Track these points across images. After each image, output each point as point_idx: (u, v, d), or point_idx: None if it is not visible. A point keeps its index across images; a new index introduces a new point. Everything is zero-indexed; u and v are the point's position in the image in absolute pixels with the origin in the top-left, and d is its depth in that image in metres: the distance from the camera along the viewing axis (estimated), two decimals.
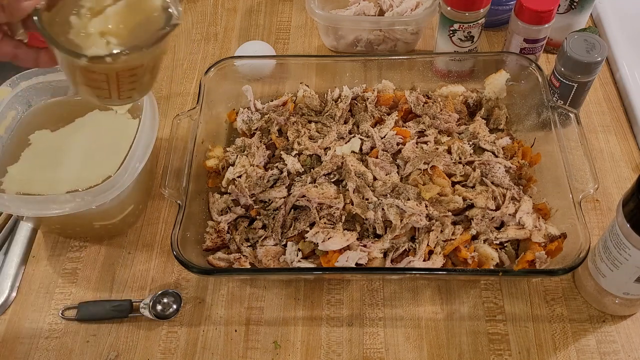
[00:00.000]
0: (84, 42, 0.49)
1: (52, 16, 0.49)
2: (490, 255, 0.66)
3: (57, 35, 0.48)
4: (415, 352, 0.64)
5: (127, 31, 0.50)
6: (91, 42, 0.49)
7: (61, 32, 0.49)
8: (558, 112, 0.72)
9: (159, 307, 0.68)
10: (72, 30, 0.49)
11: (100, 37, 0.49)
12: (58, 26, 0.49)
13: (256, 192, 0.72)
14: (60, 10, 0.50)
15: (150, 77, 0.55)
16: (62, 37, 0.48)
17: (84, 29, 0.49)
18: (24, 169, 0.72)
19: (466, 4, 0.79)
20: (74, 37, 0.49)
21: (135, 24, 0.50)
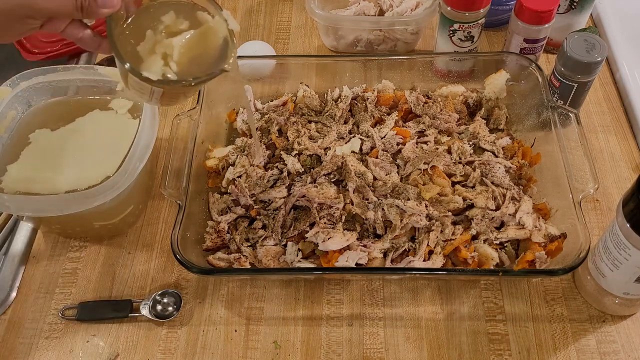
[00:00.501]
0: (146, 56, 0.51)
1: (127, 21, 0.50)
2: (490, 255, 0.66)
3: (123, 40, 0.49)
4: (415, 352, 0.64)
5: (185, 60, 0.53)
6: (152, 61, 0.51)
7: (130, 37, 0.50)
8: (558, 112, 0.72)
9: (159, 307, 0.68)
10: (141, 42, 0.51)
11: (161, 59, 0.51)
12: (130, 31, 0.50)
13: (256, 192, 0.72)
14: (138, 17, 0.51)
15: (191, 94, 0.58)
16: (128, 42, 0.50)
17: (152, 44, 0.52)
18: (24, 169, 0.72)
19: (466, 4, 0.79)
20: (140, 48, 0.51)
21: (194, 55, 0.53)
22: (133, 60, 0.50)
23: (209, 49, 0.54)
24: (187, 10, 0.53)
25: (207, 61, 0.54)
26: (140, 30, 0.51)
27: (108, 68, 0.77)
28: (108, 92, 0.79)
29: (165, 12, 0.52)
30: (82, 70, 0.77)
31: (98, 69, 0.77)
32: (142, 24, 0.51)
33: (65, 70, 0.77)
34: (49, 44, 0.99)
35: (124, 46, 0.49)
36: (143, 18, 0.51)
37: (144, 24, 0.51)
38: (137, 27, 0.50)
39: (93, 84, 0.78)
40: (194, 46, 0.53)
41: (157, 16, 0.52)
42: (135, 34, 0.50)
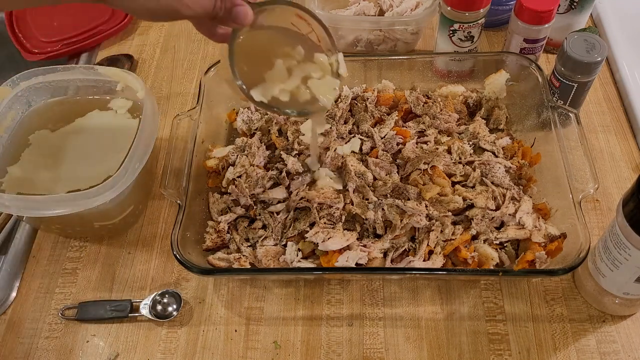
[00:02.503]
0: (255, 75, 0.54)
1: (248, 33, 0.51)
2: (490, 255, 0.66)
3: (240, 53, 0.51)
4: (415, 352, 0.64)
5: (293, 89, 0.56)
6: (269, 86, 0.54)
7: (247, 52, 0.52)
8: (558, 112, 0.72)
9: (159, 307, 0.68)
10: (255, 61, 0.53)
11: (275, 85, 0.54)
12: (248, 45, 0.52)
13: (256, 192, 0.72)
14: (258, 34, 0.53)
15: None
16: (244, 56, 0.51)
17: (274, 72, 0.54)
18: (24, 169, 0.72)
19: (466, 4, 0.79)
20: (252, 67, 0.53)
21: (302, 87, 0.56)
22: (245, 76, 0.52)
23: (307, 82, 0.57)
24: (303, 41, 0.56)
25: (303, 95, 0.57)
26: (258, 48, 0.53)
27: (108, 68, 0.77)
28: (108, 92, 0.79)
29: (284, 40, 0.55)
30: (82, 70, 0.77)
31: (98, 69, 0.77)
32: (260, 43, 0.53)
33: (65, 70, 0.77)
34: (49, 44, 0.99)
35: (239, 58, 0.51)
36: (262, 37, 0.53)
37: (262, 44, 0.54)
38: (255, 44, 0.52)
39: (93, 84, 0.78)
40: (295, 77, 0.56)
41: (276, 39, 0.55)
42: (251, 50, 0.52)
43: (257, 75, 0.53)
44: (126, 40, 1.02)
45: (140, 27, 1.04)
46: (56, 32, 0.99)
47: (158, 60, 0.98)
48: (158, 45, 1.01)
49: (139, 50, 1.00)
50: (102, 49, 1.01)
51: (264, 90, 0.53)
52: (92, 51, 1.01)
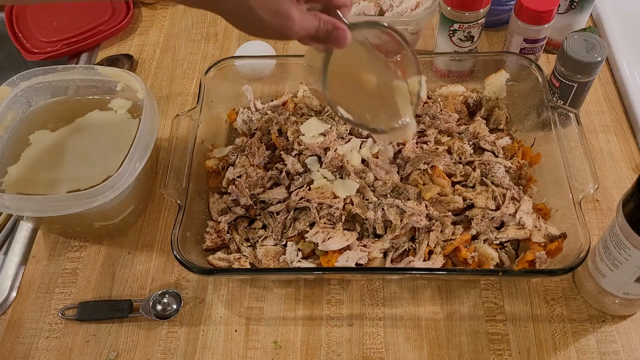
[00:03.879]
0: (349, 91, 0.56)
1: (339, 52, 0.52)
2: (490, 255, 0.66)
3: (332, 70, 0.52)
4: (415, 352, 0.64)
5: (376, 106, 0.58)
6: (354, 103, 0.55)
7: (337, 70, 0.53)
8: (558, 112, 0.72)
9: (159, 307, 0.68)
10: (343, 78, 0.55)
11: (360, 102, 0.56)
12: (339, 64, 0.53)
13: (256, 192, 0.72)
14: (347, 54, 0.54)
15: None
16: (335, 74, 0.52)
17: (360, 90, 0.56)
18: (24, 169, 0.72)
19: (466, 4, 0.79)
20: (341, 86, 0.54)
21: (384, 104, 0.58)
22: (332, 91, 0.53)
23: (389, 101, 0.59)
24: (388, 62, 0.58)
25: (379, 111, 0.59)
26: (347, 65, 0.55)
27: (108, 68, 0.77)
28: (108, 92, 0.79)
29: (371, 59, 0.57)
30: (82, 70, 0.77)
31: (98, 69, 0.77)
32: (349, 61, 0.55)
33: (65, 70, 0.77)
34: (49, 44, 0.99)
35: (331, 76, 0.52)
36: (352, 55, 0.54)
37: (351, 61, 0.55)
38: (345, 62, 0.53)
39: (93, 84, 0.78)
40: (379, 95, 0.58)
41: (364, 58, 0.57)
42: (340, 67, 0.53)
43: (344, 91, 0.54)
44: (126, 40, 1.02)
45: (140, 27, 1.04)
46: (56, 32, 0.99)
47: (158, 60, 0.98)
48: (158, 45, 1.01)
49: (139, 50, 1.00)
50: (102, 49, 1.01)
51: (349, 106, 0.54)
52: (92, 51, 1.01)
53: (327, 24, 0.49)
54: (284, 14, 0.47)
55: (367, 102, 0.58)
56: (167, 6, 1.08)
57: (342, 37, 0.49)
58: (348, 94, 0.56)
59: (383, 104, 0.59)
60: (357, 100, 0.57)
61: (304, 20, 0.48)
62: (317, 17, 0.49)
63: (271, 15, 0.47)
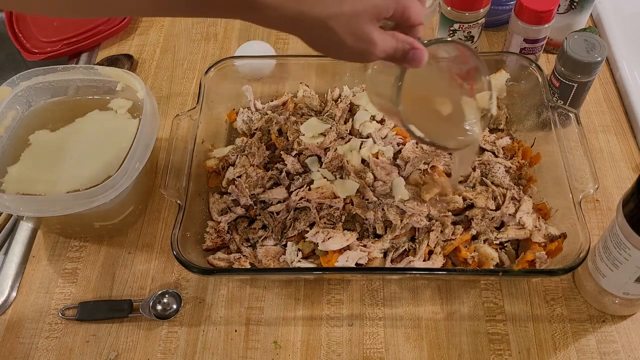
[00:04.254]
0: (419, 108, 0.56)
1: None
2: (490, 255, 0.66)
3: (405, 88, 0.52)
4: (415, 352, 0.64)
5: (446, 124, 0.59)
6: (424, 120, 0.55)
7: (411, 89, 0.52)
8: (558, 112, 0.72)
9: (159, 307, 0.68)
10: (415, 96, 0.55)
11: (431, 120, 0.57)
12: (414, 83, 0.52)
13: (256, 192, 0.72)
14: (425, 74, 0.54)
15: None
16: (408, 93, 0.52)
17: (430, 108, 0.57)
18: (24, 169, 0.72)
19: (466, 4, 0.79)
20: (412, 104, 0.54)
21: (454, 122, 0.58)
22: (405, 111, 0.52)
23: (459, 118, 0.58)
24: (458, 78, 0.58)
25: (449, 127, 0.59)
26: (418, 82, 0.54)
27: (108, 68, 0.77)
28: (108, 92, 0.79)
29: (442, 76, 0.57)
30: (82, 70, 0.77)
31: (98, 69, 0.77)
32: (420, 78, 0.54)
33: (65, 70, 0.77)
34: (49, 44, 0.99)
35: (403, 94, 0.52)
36: (423, 72, 0.53)
37: (422, 79, 0.55)
38: (415, 79, 0.53)
39: (93, 84, 0.78)
40: (448, 112, 0.57)
41: (435, 75, 0.57)
42: (411, 85, 0.52)
43: (414, 109, 0.54)
44: (126, 40, 1.02)
45: (140, 27, 1.04)
46: (56, 32, 0.99)
47: (158, 60, 0.98)
48: (158, 45, 1.01)
49: (139, 50, 1.00)
50: (102, 49, 1.01)
51: (420, 124, 0.54)
52: (92, 51, 1.01)
53: (405, 44, 0.48)
54: (367, 38, 0.46)
55: (437, 120, 0.58)
56: None
57: (420, 57, 0.49)
58: (418, 111, 0.55)
59: (452, 120, 0.58)
60: (428, 117, 0.57)
61: (385, 43, 0.47)
62: (394, 37, 0.48)
63: (354, 40, 0.46)
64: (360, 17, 0.45)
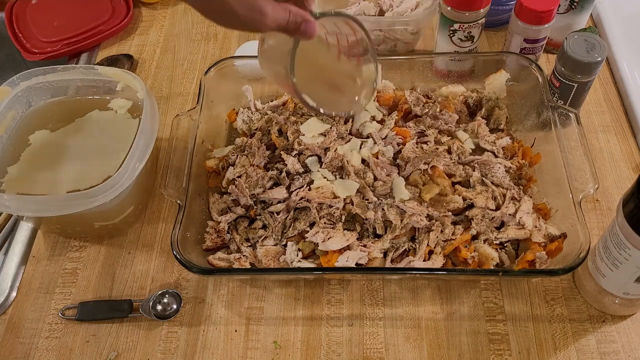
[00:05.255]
0: (311, 78, 0.58)
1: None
2: (490, 255, 0.66)
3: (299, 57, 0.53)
4: (415, 352, 0.64)
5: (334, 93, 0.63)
6: (315, 89, 0.57)
7: (303, 57, 0.54)
8: (558, 112, 0.72)
9: (159, 307, 0.68)
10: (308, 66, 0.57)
11: (320, 88, 0.60)
12: (305, 51, 0.54)
13: (256, 192, 0.72)
14: (316, 45, 0.57)
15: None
16: (301, 61, 0.54)
17: (321, 77, 0.60)
18: (24, 170, 0.72)
19: (466, 4, 0.79)
20: (306, 71, 0.56)
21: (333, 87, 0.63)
22: (299, 78, 0.54)
23: (347, 88, 0.62)
24: (348, 50, 0.60)
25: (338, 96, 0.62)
26: (309, 53, 0.57)
27: (108, 68, 0.77)
28: (108, 92, 0.79)
29: (333, 48, 0.59)
30: (82, 70, 0.77)
31: (98, 69, 0.77)
32: (312, 49, 0.57)
33: (65, 70, 0.77)
34: (49, 44, 0.99)
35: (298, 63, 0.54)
36: (315, 44, 0.56)
37: (313, 50, 0.58)
38: (307, 50, 0.55)
39: (93, 84, 0.78)
40: (337, 82, 0.61)
41: (325, 47, 0.60)
42: (303, 55, 0.54)
43: (306, 78, 0.56)
44: (126, 40, 1.02)
45: (140, 27, 1.04)
46: (56, 32, 0.99)
47: (158, 60, 0.98)
48: (158, 45, 1.01)
49: (139, 50, 1.00)
50: (102, 49, 1.01)
51: (311, 93, 0.56)
52: (92, 51, 1.01)
53: (297, 16, 0.50)
54: (258, 9, 0.48)
55: (327, 89, 0.61)
56: (167, 6, 1.08)
57: (311, 30, 0.51)
58: (310, 81, 0.57)
59: (342, 90, 0.62)
60: (319, 87, 0.60)
61: (276, 14, 0.49)
62: (287, 9, 0.49)
63: (245, 9, 0.47)
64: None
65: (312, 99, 0.56)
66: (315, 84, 0.59)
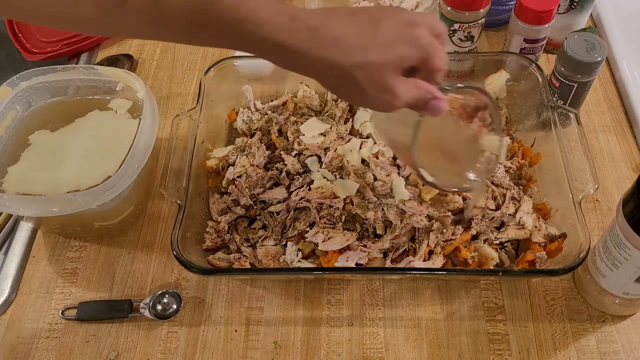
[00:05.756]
0: (431, 155, 0.55)
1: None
2: (490, 255, 0.66)
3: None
4: (415, 352, 0.64)
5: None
6: (436, 167, 0.55)
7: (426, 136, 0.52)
8: (558, 112, 0.72)
9: (159, 307, 0.68)
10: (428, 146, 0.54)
11: (442, 167, 0.57)
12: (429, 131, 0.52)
13: (256, 192, 0.72)
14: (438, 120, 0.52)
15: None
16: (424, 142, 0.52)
17: (442, 155, 0.58)
18: (24, 170, 0.72)
19: (466, 4, 0.79)
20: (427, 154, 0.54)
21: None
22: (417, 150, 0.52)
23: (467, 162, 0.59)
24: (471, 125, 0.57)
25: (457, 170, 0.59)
26: (431, 130, 0.53)
27: (108, 68, 0.77)
28: (108, 92, 0.79)
29: (455, 123, 0.56)
30: (82, 70, 0.77)
31: (98, 69, 0.77)
32: (434, 126, 0.53)
33: (65, 70, 0.77)
34: (49, 44, 0.99)
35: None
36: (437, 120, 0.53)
37: (435, 126, 0.54)
38: (430, 125, 0.52)
39: (93, 84, 0.78)
40: (457, 156, 0.58)
41: (448, 122, 0.56)
42: (428, 131, 0.52)
43: (423, 149, 0.53)
44: (126, 40, 1.02)
45: None
46: (56, 32, 0.99)
47: (158, 60, 0.98)
48: (158, 45, 1.00)
49: (139, 50, 1.00)
50: (102, 49, 1.01)
51: (427, 165, 0.54)
52: (92, 51, 1.01)
53: (426, 93, 0.47)
54: (390, 89, 0.45)
55: (445, 162, 0.58)
56: None
57: (440, 108, 0.48)
58: (428, 155, 0.55)
59: (460, 164, 0.59)
60: (437, 161, 0.57)
61: (407, 94, 0.46)
62: (416, 86, 0.47)
63: (376, 91, 0.45)
64: (385, 68, 0.44)
65: (429, 173, 0.53)
66: (433, 155, 0.56)
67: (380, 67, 0.44)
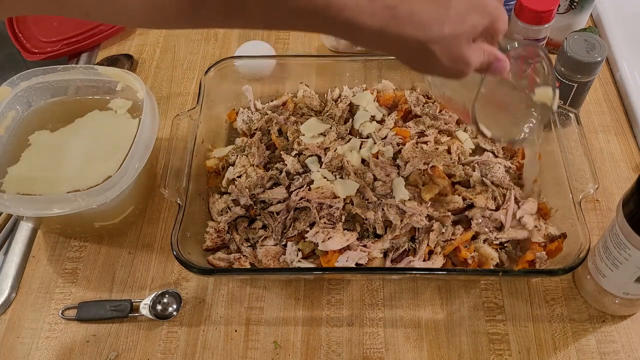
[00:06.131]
0: (489, 108, 0.57)
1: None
2: (490, 255, 0.66)
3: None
4: (415, 352, 0.64)
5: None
6: (493, 119, 0.57)
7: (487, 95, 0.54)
8: (558, 112, 0.72)
9: (159, 307, 0.68)
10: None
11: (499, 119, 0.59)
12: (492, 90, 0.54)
13: (256, 192, 0.72)
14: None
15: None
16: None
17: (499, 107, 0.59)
18: (24, 170, 0.72)
19: None
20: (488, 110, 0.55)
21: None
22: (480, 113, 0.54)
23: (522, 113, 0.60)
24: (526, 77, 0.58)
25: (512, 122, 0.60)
26: (491, 85, 0.55)
27: (108, 68, 0.77)
28: (108, 92, 0.79)
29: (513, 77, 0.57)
30: (82, 70, 0.77)
31: (98, 69, 0.77)
32: (494, 81, 0.55)
33: (65, 70, 0.77)
34: (49, 44, 0.99)
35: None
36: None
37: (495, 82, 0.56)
38: (490, 83, 0.53)
39: (93, 84, 0.78)
40: (512, 103, 0.60)
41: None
42: (486, 89, 0.53)
43: (483, 108, 0.55)
44: (126, 40, 1.02)
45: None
46: (56, 32, 0.99)
47: (158, 60, 0.98)
48: (158, 45, 1.01)
49: (139, 50, 1.00)
50: (102, 49, 1.01)
51: (484, 118, 0.55)
52: (92, 51, 1.01)
53: (490, 55, 0.49)
54: (464, 59, 0.46)
55: (501, 116, 0.59)
56: None
57: (503, 68, 0.50)
58: (486, 110, 0.56)
59: (516, 117, 0.60)
60: (494, 115, 0.58)
61: (477, 60, 0.48)
62: (482, 50, 0.48)
63: (451, 61, 0.46)
64: (460, 40, 0.45)
65: (487, 127, 0.55)
66: (489, 110, 0.57)
67: (455, 40, 0.45)
